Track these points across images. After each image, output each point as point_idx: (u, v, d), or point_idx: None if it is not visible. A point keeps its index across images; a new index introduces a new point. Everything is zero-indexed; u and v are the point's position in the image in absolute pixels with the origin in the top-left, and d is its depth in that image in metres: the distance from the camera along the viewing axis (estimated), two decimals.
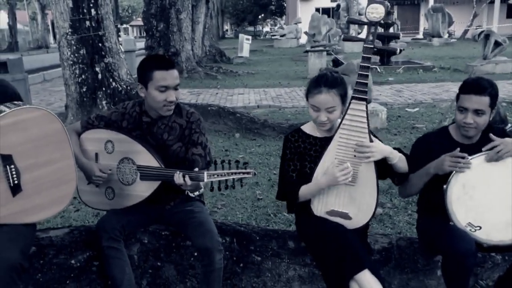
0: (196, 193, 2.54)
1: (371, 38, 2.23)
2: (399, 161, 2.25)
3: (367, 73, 2.20)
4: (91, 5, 6.47)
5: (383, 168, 2.27)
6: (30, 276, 2.27)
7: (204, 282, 2.29)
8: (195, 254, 2.48)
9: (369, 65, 2.21)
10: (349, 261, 2.06)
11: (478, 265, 2.68)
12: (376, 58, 14.89)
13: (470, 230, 2.25)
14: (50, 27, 34.73)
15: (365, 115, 2.19)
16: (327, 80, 2.22)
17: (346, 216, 2.25)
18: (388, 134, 6.38)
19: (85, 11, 6.49)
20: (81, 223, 3.65)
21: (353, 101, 2.20)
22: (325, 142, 2.31)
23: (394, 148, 2.31)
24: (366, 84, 2.20)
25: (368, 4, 2.20)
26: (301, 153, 2.33)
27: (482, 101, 2.26)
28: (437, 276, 2.59)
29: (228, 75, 14.45)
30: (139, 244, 2.48)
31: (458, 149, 2.28)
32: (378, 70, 13.58)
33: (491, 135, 2.29)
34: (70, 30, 6.48)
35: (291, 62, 18.32)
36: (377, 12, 2.17)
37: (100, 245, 2.25)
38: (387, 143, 5.84)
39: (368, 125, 2.20)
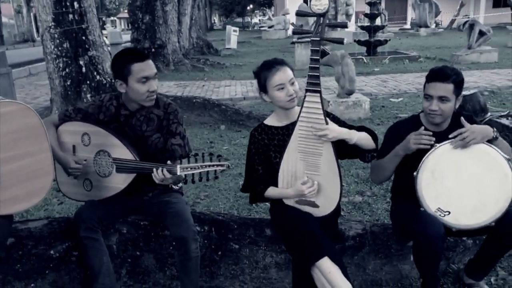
0: (180, 185, 2.59)
1: (318, 30, 2.24)
2: (359, 139, 2.30)
3: (317, 66, 2.23)
4: None
5: (350, 148, 2.34)
6: (9, 267, 2.31)
7: (182, 270, 2.35)
8: (174, 244, 2.53)
9: (318, 57, 2.24)
10: (310, 249, 2.15)
11: (450, 249, 2.77)
12: (362, 49, 14.99)
13: (440, 215, 2.32)
14: (33, 20, 34.29)
15: (320, 106, 2.25)
16: (275, 61, 2.33)
17: (313, 205, 2.32)
18: (371, 124, 6.45)
19: (68, 4, 6.45)
20: (64, 216, 3.68)
21: (307, 94, 2.26)
22: (286, 130, 2.40)
23: (360, 127, 2.39)
24: (318, 76, 2.24)
25: None
26: (266, 144, 2.41)
27: (446, 88, 2.33)
28: (410, 261, 2.66)
29: (215, 67, 14.43)
30: (118, 234, 2.52)
31: (423, 127, 2.35)
32: (365, 61, 13.64)
33: (462, 119, 2.35)
34: (53, 23, 6.44)
35: (279, 54, 18.29)
36: (320, 4, 2.19)
37: (78, 235, 2.29)
38: None
39: (324, 114, 2.26)
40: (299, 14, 2.41)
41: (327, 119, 2.29)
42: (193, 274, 2.34)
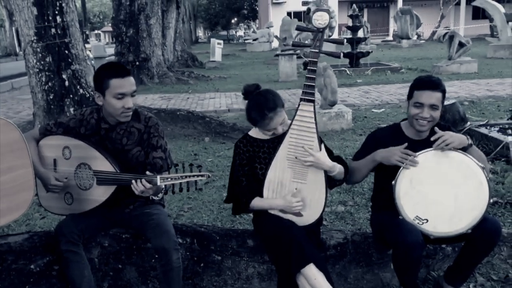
0: (160, 195, 2.59)
1: (317, 44, 2.33)
2: (337, 173, 2.39)
3: (313, 76, 2.31)
4: (56, 12, 6.43)
5: None
6: None
7: (164, 282, 2.36)
8: (156, 255, 2.53)
9: (315, 68, 2.32)
10: (295, 256, 2.17)
11: (430, 256, 2.81)
12: (345, 61, 15.18)
13: (418, 223, 2.36)
14: (15, 34, 34.02)
15: (312, 115, 2.30)
16: (268, 105, 2.33)
17: (297, 214, 2.35)
18: (353, 135, 6.54)
19: (50, 18, 6.44)
20: (46, 230, 3.65)
21: (301, 102, 2.31)
22: (271, 143, 2.44)
23: (337, 157, 2.46)
24: (313, 86, 2.31)
25: (314, 12, 2.31)
26: (251, 156, 2.44)
27: (437, 97, 2.42)
28: (391, 269, 2.69)
29: (200, 80, 14.48)
30: (100, 247, 2.52)
31: (406, 144, 2.40)
32: (348, 72, 13.81)
33: (436, 128, 2.42)
34: (35, 37, 6.43)
35: (263, 66, 18.47)
36: (322, 19, 2.29)
37: (59, 249, 2.29)
38: (353, 143, 6.00)
39: (316, 125, 2.31)
40: (299, 29, 2.47)
41: (322, 146, 2.34)
42: (175, 285, 2.34)
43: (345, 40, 16.14)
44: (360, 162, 2.54)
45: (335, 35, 26.11)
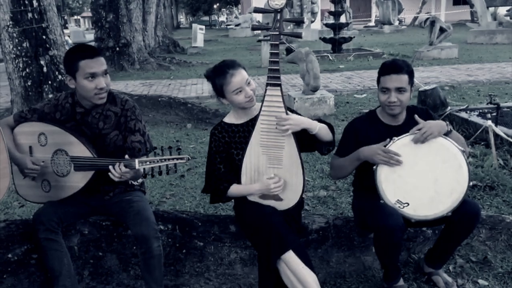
0: (140, 180, 2.55)
1: (277, 25, 2.29)
2: (320, 130, 2.34)
3: (277, 59, 2.28)
4: None
5: (308, 141, 2.38)
6: None
7: (145, 269, 2.33)
8: (136, 243, 2.50)
9: (277, 51, 2.28)
10: (275, 243, 2.17)
11: (410, 239, 2.84)
12: (328, 47, 15.16)
13: (399, 207, 2.37)
14: None
15: (280, 99, 2.28)
16: (227, 64, 2.34)
17: (277, 198, 2.35)
18: (336, 120, 6.55)
19: (26, 2, 6.29)
20: (26, 218, 3.59)
21: (268, 87, 2.29)
22: (246, 126, 2.42)
23: (317, 119, 2.42)
24: (278, 70, 2.28)
25: None
26: (227, 142, 2.42)
27: (402, 79, 2.40)
28: (373, 252, 2.71)
29: (182, 66, 14.33)
30: (79, 235, 2.48)
31: (388, 140, 2.38)
32: (330, 58, 13.81)
33: (416, 117, 2.41)
34: (11, 22, 6.28)
35: (245, 52, 18.35)
36: (278, 0, 2.24)
37: (37, 237, 2.25)
38: (335, 128, 5.99)
39: (285, 107, 2.30)
40: (257, 11, 2.43)
41: (288, 112, 2.32)
42: (156, 272, 2.32)
43: (326, 25, 16.10)
44: (345, 159, 2.53)
45: (317, 21, 26.08)
